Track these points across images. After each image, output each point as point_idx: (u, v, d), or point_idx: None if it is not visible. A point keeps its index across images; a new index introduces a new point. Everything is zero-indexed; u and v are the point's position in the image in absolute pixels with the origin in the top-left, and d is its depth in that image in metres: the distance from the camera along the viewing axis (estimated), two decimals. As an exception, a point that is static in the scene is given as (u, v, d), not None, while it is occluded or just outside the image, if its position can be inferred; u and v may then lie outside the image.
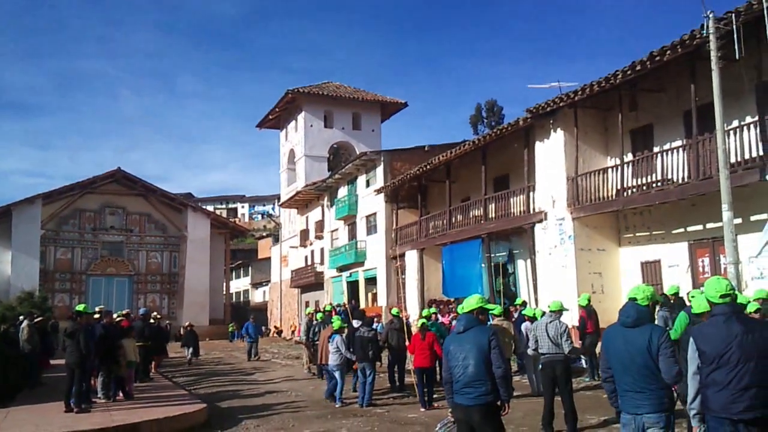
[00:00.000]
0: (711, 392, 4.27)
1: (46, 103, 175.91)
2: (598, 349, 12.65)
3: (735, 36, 11.92)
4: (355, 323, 14.43)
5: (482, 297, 6.03)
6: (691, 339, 4.51)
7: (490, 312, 12.57)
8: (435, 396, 12.06)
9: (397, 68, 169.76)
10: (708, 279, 4.66)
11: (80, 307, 12.11)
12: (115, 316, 15.53)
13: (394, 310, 15.62)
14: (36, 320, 16.26)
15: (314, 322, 17.47)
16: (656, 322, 11.72)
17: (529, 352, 9.95)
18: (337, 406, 12.25)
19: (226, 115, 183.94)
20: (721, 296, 4.41)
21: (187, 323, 25.89)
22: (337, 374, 12.52)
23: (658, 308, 11.98)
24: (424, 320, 12.56)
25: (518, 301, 16.65)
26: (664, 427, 4.65)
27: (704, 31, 12.57)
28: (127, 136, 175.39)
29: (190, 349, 23.44)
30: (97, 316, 13.97)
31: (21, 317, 17.11)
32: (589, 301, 14.35)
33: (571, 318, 14.53)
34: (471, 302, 5.79)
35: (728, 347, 4.20)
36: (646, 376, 4.64)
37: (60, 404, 11.25)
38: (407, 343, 12.86)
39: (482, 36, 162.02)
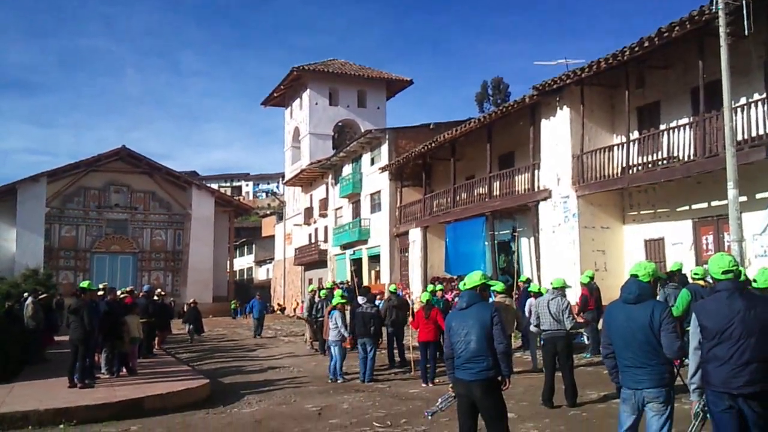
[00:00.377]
0: (711, 367, 4.27)
1: (48, 81, 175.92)
2: (599, 326, 12.68)
3: (744, 12, 11.75)
4: (360, 300, 14.45)
5: (484, 274, 6.02)
6: (693, 314, 4.51)
7: (493, 289, 12.63)
8: (437, 371, 12.07)
9: (401, 46, 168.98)
10: (712, 255, 4.62)
11: (84, 284, 12.15)
12: (119, 293, 15.58)
13: (392, 287, 15.70)
14: (40, 297, 16.31)
15: (317, 300, 17.51)
16: (659, 299, 11.74)
17: (531, 328, 9.95)
18: (339, 381, 12.29)
19: (229, 93, 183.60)
20: (724, 272, 4.39)
21: (191, 300, 25.96)
22: (336, 349, 12.54)
23: (660, 285, 11.97)
24: (428, 294, 12.55)
25: (523, 278, 16.64)
26: (664, 401, 4.65)
27: (713, 7, 12.41)
28: (130, 115, 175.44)
29: (190, 326, 23.46)
30: (101, 293, 14.02)
31: (25, 294, 17.17)
32: (591, 278, 14.30)
33: (575, 295, 14.50)
34: (474, 279, 5.79)
35: (730, 322, 4.20)
36: (647, 351, 4.64)
37: (64, 380, 11.30)
38: (411, 319, 12.91)
39: (488, 12, 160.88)
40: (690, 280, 10.55)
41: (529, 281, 15.96)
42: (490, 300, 11.65)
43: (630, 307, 4.79)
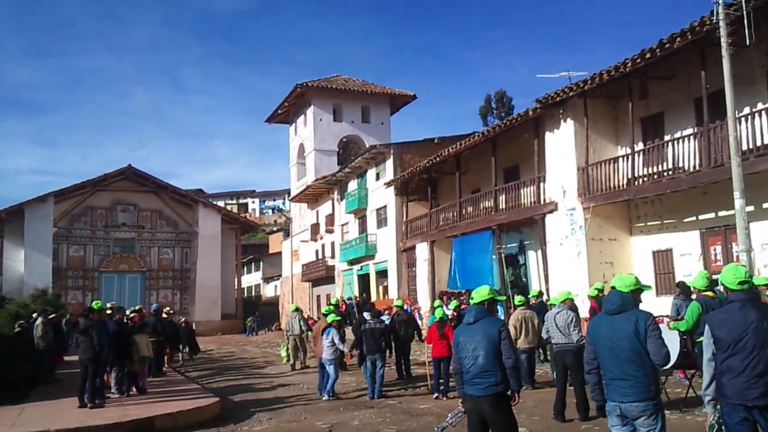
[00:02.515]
0: (726, 379, 4.26)
1: (52, 100, 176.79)
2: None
3: (745, 21, 11.79)
4: (366, 315, 14.47)
5: (492, 288, 6.02)
6: (707, 325, 4.50)
7: (515, 302, 12.70)
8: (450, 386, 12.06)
9: (404, 60, 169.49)
10: (727, 265, 4.63)
11: (95, 304, 12.22)
12: (127, 312, 15.65)
13: (398, 302, 15.73)
14: (50, 317, 16.38)
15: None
16: (669, 312, 11.72)
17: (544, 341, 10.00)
18: (324, 399, 12.28)
19: (233, 110, 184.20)
20: (739, 283, 4.39)
21: (182, 319, 25.73)
22: (331, 368, 12.53)
23: (673, 297, 11.92)
24: (441, 311, 12.56)
25: (535, 292, 16.57)
26: (652, 414, 4.60)
27: (714, 17, 12.47)
28: (133, 133, 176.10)
29: (186, 349, 23.10)
30: (108, 312, 14.07)
31: (35, 314, 17.24)
32: (600, 290, 14.26)
33: (582, 308, 14.48)
34: (482, 293, 5.78)
35: (743, 334, 4.19)
36: (632, 362, 4.62)
37: (74, 400, 11.33)
38: (424, 334, 12.95)
39: (489, 26, 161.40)
40: (693, 291, 10.49)
41: (541, 294, 15.92)
42: (500, 314, 11.71)
43: (614, 318, 4.79)
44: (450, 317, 14.69)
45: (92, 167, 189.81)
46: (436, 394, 11.80)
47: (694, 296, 10.49)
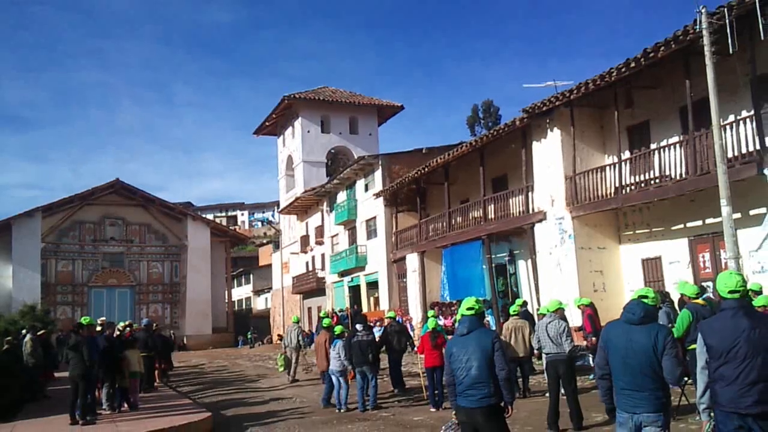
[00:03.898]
0: (719, 387, 4.27)
1: (42, 116, 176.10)
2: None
3: (728, 30, 11.96)
4: (358, 327, 14.46)
5: (479, 299, 6.02)
6: (699, 334, 4.51)
7: (510, 311, 12.76)
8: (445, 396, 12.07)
9: (392, 72, 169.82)
10: (721, 273, 4.65)
11: (84, 320, 12.18)
12: (120, 326, 15.59)
13: (391, 313, 15.72)
14: (39, 333, 16.28)
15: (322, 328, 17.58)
16: (660, 321, 11.77)
17: (536, 351, 10.02)
18: (340, 411, 12.25)
19: (223, 124, 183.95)
20: (730, 291, 4.39)
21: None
22: (341, 379, 12.50)
23: (660, 305, 12.00)
24: (434, 321, 12.56)
25: (519, 301, 16.62)
26: (662, 425, 4.63)
27: (697, 27, 12.63)
28: (124, 147, 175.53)
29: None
30: (99, 328, 14.02)
31: (23, 331, 17.12)
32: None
33: (572, 318, 14.53)
34: (470, 304, 5.78)
35: (735, 342, 4.20)
36: (647, 375, 4.61)
37: (65, 417, 11.28)
38: (417, 344, 12.96)
39: (475, 36, 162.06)
40: (675, 299, 10.57)
41: (525, 304, 15.95)
42: (491, 324, 11.74)
43: (632, 328, 4.74)
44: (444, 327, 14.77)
45: (83, 182, 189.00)
46: (431, 408, 11.76)
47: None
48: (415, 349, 14.80)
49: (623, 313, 4.91)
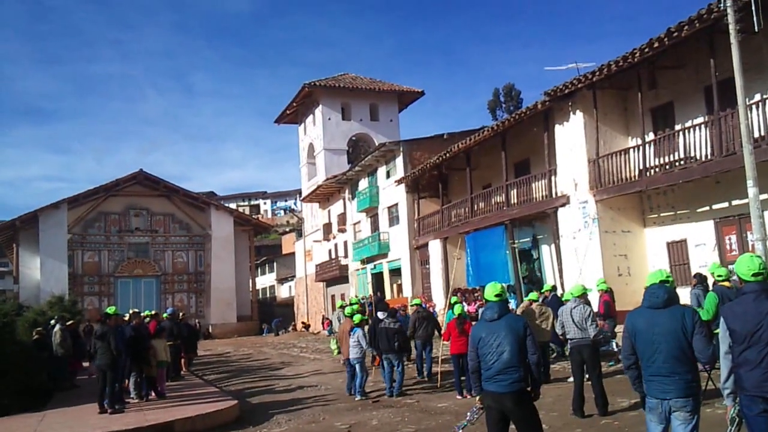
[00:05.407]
0: (743, 371, 4.22)
1: (64, 107, 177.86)
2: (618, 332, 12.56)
3: (753, 8, 11.71)
4: (381, 315, 14.48)
5: (503, 285, 5.98)
6: (722, 318, 4.46)
7: (529, 297, 12.72)
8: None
9: (411, 57, 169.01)
10: (741, 256, 4.56)
11: (110, 310, 12.33)
12: (145, 314, 15.77)
13: (416, 300, 15.68)
14: (68, 324, 16.51)
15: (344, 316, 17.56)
16: (689, 302, 11.64)
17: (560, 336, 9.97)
18: (357, 399, 12.29)
19: (243, 112, 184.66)
20: (753, 275, 4.32)
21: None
22: (357, 367, 12.54)
23: (691, 287, 11.84)
24: (460, 307, 12.53)
25: (548, 286, 16.53)
26: (692, 410, 4.59)
27: (722, 4, 12.37)
28: (145, 137, 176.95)
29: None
30: (126, 317, 14.21)
31: (52, 321, 17.38)
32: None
33: (594, 302, 14.42)
34: (498, 290, 5.72)
35: (759, 325, 4.14)
36: (676, 358, 4.57)
37: (94, 406, 11.44)
38: (443, 330, 12.94)
39: (495, 20, 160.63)
40: (710, 282, 10.45)
41: (554, 288, 15.87)
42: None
43: (657, 313, 4.71)
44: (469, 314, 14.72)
45: (106, 172, 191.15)
46: (458, 395, 11.75)
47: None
48: (441, 335, 14.76)
49: (646, 298, 4.85)
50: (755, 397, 4.15)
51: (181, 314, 20.66)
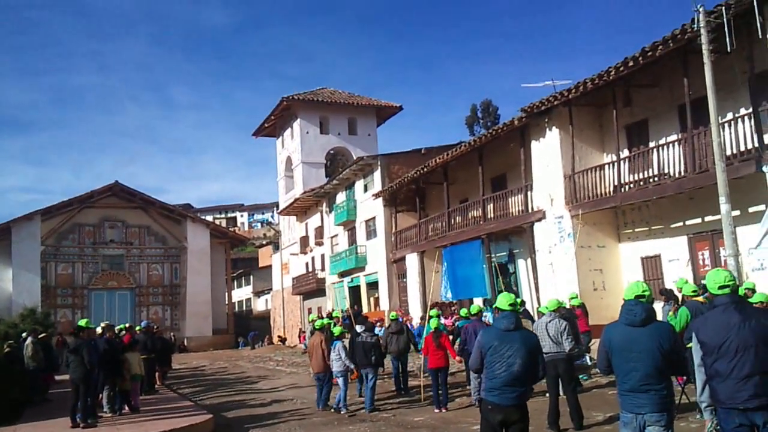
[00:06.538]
0: (716, 383, 4.28)
1: (41, 119, 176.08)
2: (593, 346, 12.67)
3: (726, 29, 11.98)
4: (359, 329, 14.45)
5: (515, 296, 6.05)
6: (693, 331, 4.53)
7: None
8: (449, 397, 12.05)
9: (390, 71, 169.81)
10: (709, 271, 4.64)
11: (82, 323, 12.19)
12: (117, 329, 15.57)
13: (393, 314, 15.62)
14: (40, 336, 16.27)
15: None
16: (661, 318, 11.80)
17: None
18: (342, 412, 12.24)
19: (221, 125, 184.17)
20: (720, 287, 4.40)
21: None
22: (340, 381, 12.49)
23: (663, 304, 12.01)
24: (437, 321, 12.53)
25: (518, 301, 16.63)
26: (666, 424, 4.62)
27: (695, 25, 12.64)
28: (123, 150, 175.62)
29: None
30: (99, 331, 14.03)
31: (24, 334, 17.13)
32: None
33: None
34: (512, 299, 5.81)
35: (726, 337, 4.20)
36: (652, 375, 4.60)
37: (66, 420, 11.30)
38: (420, 345, 12.92)
39: (473, 36, 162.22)
40: (679, 297, 10.62)
41: (523, 303, 15.94)
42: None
43: (635, 330, 4.70)
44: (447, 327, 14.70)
45: (83, 184, 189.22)
46: (435, 408, 11.74)
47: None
48: (420, 349, 14.70)
49: (623, 315, 4.84)
50: (730, 410, 4.19)
51: (155, 327, 20.47)
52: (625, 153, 17.11)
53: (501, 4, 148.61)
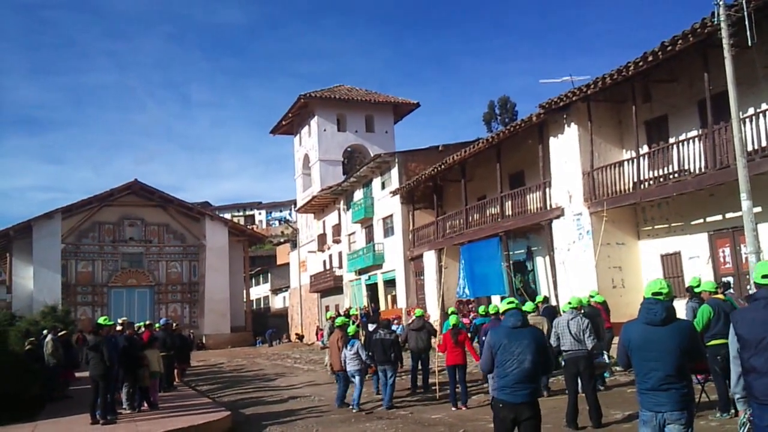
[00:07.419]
0: (751, 378, 4.14)
1: (59, 118, 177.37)
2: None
3: (746, 22, 11.78)
4: (371, 327, 14.43)
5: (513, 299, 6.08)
6: (731, 323, 4.40)
7: (523, 308, 12.62)
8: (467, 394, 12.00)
9: (406, 69, 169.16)
10: (760, 261, 4.50)
11: (102, 320, 12.27)
12: (136, 326, 15.68)
13: (418, 311, 15.37)
14: (60, 334, 16.41)
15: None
16: (685, 315, 11.66)
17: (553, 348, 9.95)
18: (353, 411, 12.21)
19: (238, 123, 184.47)
20: (763, 276, 4.23)
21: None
22: (356, 379, 12.49)
23: (686, 301, 11.87)
24: (456, 318, 12.50)
25: (539, 298, 16.55)
26: (685, 423, 4.57)
27: (715, 19, 12.47)
28: (140, 148, 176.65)
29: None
30: (119, 328, 14.14)
31: (45, 331, 17.29)
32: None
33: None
34: (511, 299, 5.91)
35: (766, 332, 4.05)
36: (672, 374, 4.54)
37: (86, 416, 11.37)
38: (438, 342, 12.90)
39: (490, 33, 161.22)
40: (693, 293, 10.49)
41: (546, 300, 15.86)
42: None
43: (655, 329, 4.63)
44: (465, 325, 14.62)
45: (102, 183, 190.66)
46: (453, 407, 11.70)
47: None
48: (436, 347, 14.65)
49: (642, 313, 4.76)
50: (764, 406, 4.05)
51: (174, 325, 20.59)
52: (645, 149, 16.94)
53: (518, 0, 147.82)
